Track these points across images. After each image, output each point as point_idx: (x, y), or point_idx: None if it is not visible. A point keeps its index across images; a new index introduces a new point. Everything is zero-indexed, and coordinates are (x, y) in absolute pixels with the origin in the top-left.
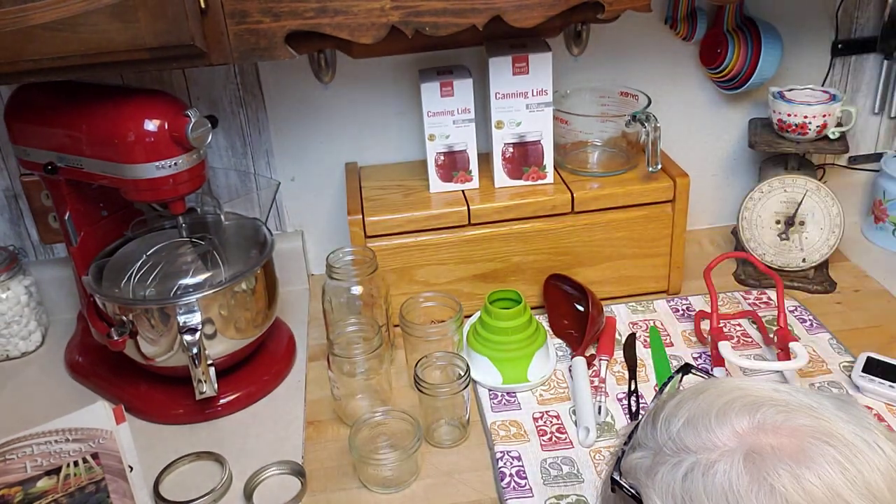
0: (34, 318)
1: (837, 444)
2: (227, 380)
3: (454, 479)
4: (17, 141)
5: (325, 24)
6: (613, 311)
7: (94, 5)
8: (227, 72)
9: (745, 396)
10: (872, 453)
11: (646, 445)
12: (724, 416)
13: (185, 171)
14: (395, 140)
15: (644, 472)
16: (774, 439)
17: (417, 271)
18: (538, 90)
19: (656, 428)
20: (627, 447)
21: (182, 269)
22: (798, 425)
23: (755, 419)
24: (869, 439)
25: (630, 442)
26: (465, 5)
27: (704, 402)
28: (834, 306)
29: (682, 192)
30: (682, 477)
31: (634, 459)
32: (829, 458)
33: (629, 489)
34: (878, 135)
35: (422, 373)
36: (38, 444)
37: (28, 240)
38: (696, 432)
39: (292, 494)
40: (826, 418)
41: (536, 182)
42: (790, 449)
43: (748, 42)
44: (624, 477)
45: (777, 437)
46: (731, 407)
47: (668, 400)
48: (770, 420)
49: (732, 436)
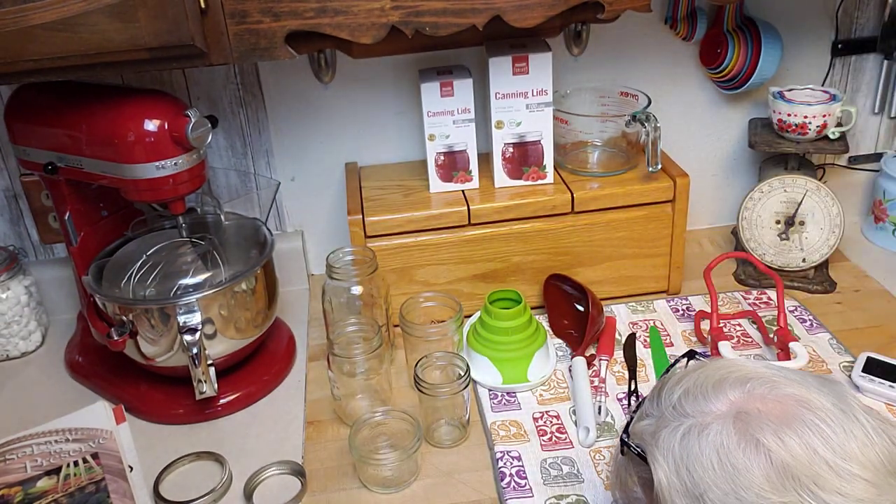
0: (34, 318)
1: (818, 411)
2: (227, 380)
3: (454, 479)
4: (17, 141)
5: (325, 24)
6: (613, 311)
7: (94, 5)
8: (227, 72)
9: (738, 371)
10: (849, 421)
11: (651, 414)
12: (719, 387)
13: (185, 171)
14: (395, 140)
15: (649, 435)
16: (762, 405)
17: (417, 271)
18: (538, 90)
19: (660, 398)
20: (636, 416)
21: (182, 269)
22: (783, 394)
23: (745, 388)
24: (847, 410)
25: (638, 412)
26: (465, 5)
27: (702, 376)
28: (834, 306)
29: (682, 192)
30: (680, 437)
31: (641, 426)
32: (810, 422)
33: (636, 448)
34: (878, 135)
35: (422, 373)
36: (38, 444)
37: (28, 240)
38: (694, 401)
39: (292, 494)
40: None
41: (536, 182)
42: (775, 412)
43: (748, 42)
44: (631, 439)
45: (764, 403)
46: (725, 380)
47: (670, 377)
48: (759, 390)
49: (725, 403)
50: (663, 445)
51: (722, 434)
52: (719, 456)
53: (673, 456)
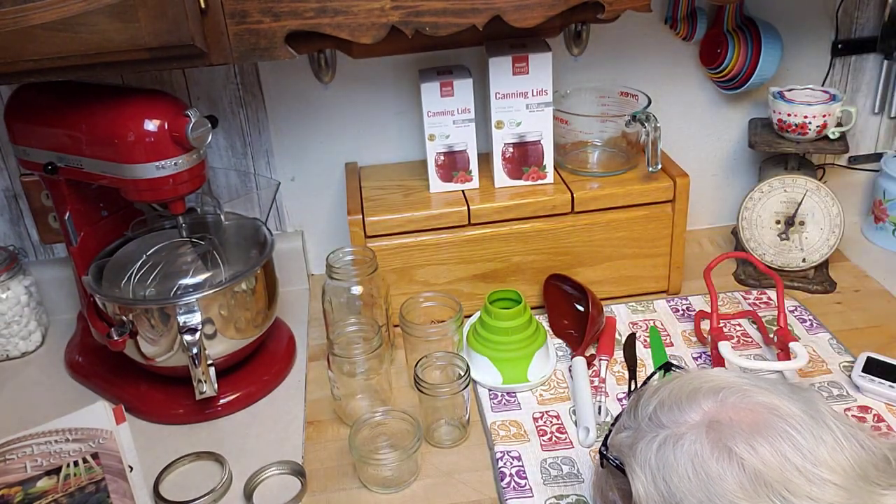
0: (34, 318)
1: (789, 418)
2: (227, 380)
3: (454, 479)
4: (17, 141)
5: (325, 24)
6: (613, 311)
7: (94, 5)
8: (227, 72)
9: (710, 382)
10: (819, 427)
11: (628, 427)
12: (692, 397)
13: (185, 171)
14: (395, 140)
15: (627, 447)
16: (734, 414)
17: (417, 271)
18: (538, 90)
19: (637, 411)
20: (614, 429)
21: (182, 269)
22: (755, 403)
23: (718, 398)
24: (817, 416)
25: (616, 425)
26: (465, 5)
27: (676, 387)
28: (834, 306)
29: (682, 192)
30: (656, 449)
31: (619, 438)
32: (780, 430)
33: (615, 461)
34: (878, 135)
35: (422, 373)
36: (38, 444)
37: (28, 240)
38: (668, 411)
39: (292, 494)
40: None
41: (536, 182)
42: (747, 421)
43: (748, 42)
44: (610, 452)
45: (736, 412)
46: (699, 390)
47: (646, 390)
48: (731, 399)
49: (699, 413)
50: (640, 457)
51: (696, 444)
52: (694, 465)
53: (650, 467)
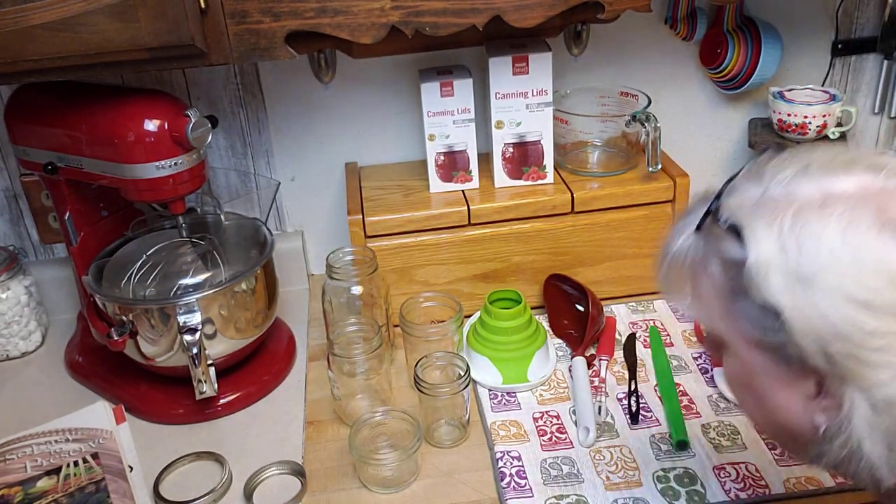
0: (34, 318)
1: None
2: (227, 380)
3: (454, 479)
4: (17, 141)
5: (325, 24)
6: (613, 311)
7: (93, 5)
8: (227, 72)
9: (869, 158)
10: None
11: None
12: (849, 168)
13: (185, 171)
14: (395, 140)
15: (749, 207)
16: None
17: (417, 271)
18: (538, 90)
19: (762, 175)
20: (725, 192)
21: (182, 269)
22: None
23: (880, 176)
24: None
25: (727, 188)
26: (465, 5)
27: (825, 156)
28: None
29: (682, 192)
30: (794, 212)
31: (737, 199)
32: None
33: (727, 221)
34: (878, 135)
35: (422, 373)
36: (38, 444)
37: (28, 240)
38: (814, 178)
39: (292, 494)
40: None
41: (536, 182)
42: None
43: (748, 42)
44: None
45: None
46: (856, 162)
47: (769, 158)
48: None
49: (854, 185)
50: (770, 217)
51: (852, 212)
52: (845, 236)
53: (781, 229)
